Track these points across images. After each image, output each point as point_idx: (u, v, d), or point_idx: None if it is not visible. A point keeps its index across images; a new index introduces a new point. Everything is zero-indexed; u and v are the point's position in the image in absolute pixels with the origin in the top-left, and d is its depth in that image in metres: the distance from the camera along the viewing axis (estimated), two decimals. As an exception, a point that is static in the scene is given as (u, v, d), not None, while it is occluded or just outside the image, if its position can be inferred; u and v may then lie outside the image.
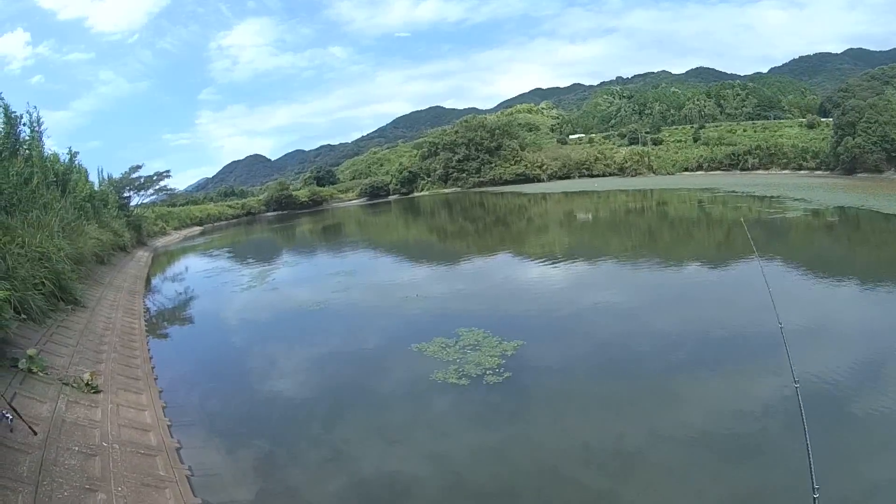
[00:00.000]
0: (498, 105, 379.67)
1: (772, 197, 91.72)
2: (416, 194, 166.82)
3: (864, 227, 65.65)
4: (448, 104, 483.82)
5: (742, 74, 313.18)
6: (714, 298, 36.29)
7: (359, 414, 21.32)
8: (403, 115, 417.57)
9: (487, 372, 23.24)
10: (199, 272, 61.56)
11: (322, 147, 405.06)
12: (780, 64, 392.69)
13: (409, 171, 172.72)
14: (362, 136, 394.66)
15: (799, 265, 44.34)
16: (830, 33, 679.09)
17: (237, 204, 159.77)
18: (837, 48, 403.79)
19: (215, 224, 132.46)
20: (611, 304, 34.64)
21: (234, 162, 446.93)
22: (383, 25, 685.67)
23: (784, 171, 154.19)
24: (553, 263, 48.08)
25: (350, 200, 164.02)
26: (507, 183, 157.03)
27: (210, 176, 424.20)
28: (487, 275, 47.41)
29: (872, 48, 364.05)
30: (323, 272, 54.17)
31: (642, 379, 22.87)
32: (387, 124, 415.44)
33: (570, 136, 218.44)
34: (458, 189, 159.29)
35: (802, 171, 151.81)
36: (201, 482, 16.64)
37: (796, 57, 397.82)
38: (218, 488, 16.64)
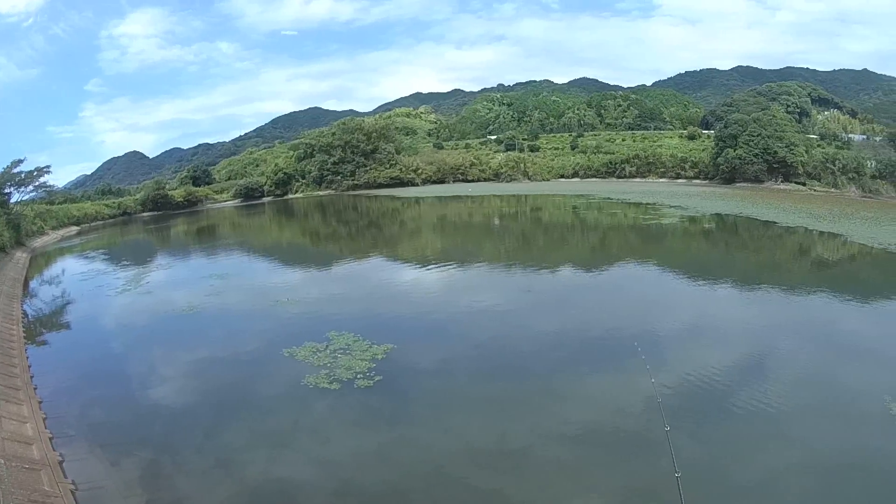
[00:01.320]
0: (377, 108, 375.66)
1: (647, 204, 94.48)
2: (290, 196, 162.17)
3: (742, 233, 68.59)
4: (328, 105, 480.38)
5: (626, 86, 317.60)
6: (589, 301, 37.61)
7: (239, 420, 21.21)
8: (282, 115, 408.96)
9: (358, 376, 23.67)
10: (77, 275, 59.44)
11: (200, 145, 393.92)
12: (666, 77, 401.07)
13: (285, 173, 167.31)
14: (240, 136, 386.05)
15: (673, 269, 46.34)
16: (722, 50, 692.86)
17: (114, 203, 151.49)
18: (726, 65, 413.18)
19: (92, 224, 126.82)
20: (485, 307, 35.02)
21: (113, 158, 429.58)
22: (273, 22, 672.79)
23: (661, 180, 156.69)
24: (426, 267, 48.82)
25: (225, 201, 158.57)
26: (381, 186, 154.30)
27: (89, 173, 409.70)
28: (360, 278, 47.66)
29: (762, 66, 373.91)
30: (197, 275, 53.78)
31: (521, 379, 23.48)
32: (265, 124, 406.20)
33: (447, 142, 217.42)
34: (333, 192, 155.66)
35: (680, 180, 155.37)
36: (87, 496, 16.16)
37: (682, 71, 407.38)
38: (104, 502, 16.17)
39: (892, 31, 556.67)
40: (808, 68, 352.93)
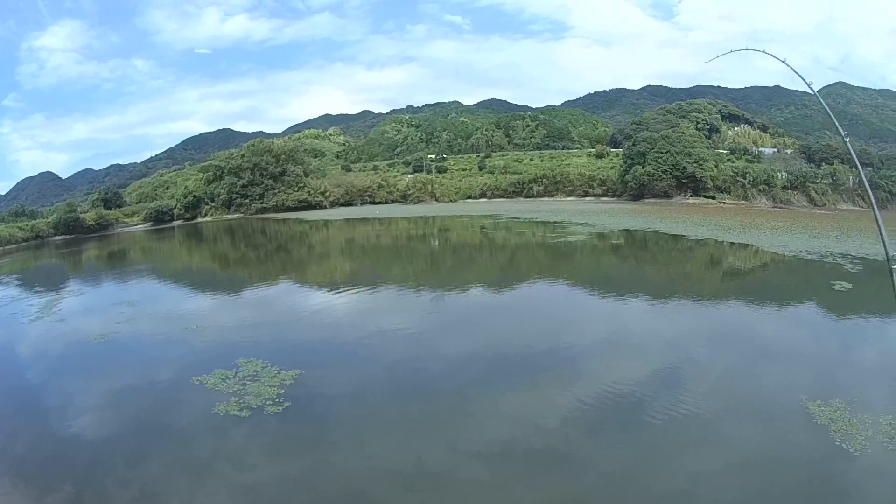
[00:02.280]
0: (287, 129, 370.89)
1: (555, 222, 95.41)
2: (199, 220, 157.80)
3: (651, 247, 69.82)
4: (238, 126, 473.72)
5: (535, 107, 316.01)
6: (500, 319, 36.96)
7: (158, 450, 20.12)
8: (193, 136, 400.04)
9: (267, 402, 22.66)
10: (-10, 301, 57.17)
11: (112, 166, 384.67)
12: (575, 97, 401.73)
13: (194, 196, 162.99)
14: (152, 157, 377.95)
15: (583, 285, 46.66)
16: (633, 71, 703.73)
17: (27, 226, 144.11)
18: (637, 84, 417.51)
19: (6, 247, 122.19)
20: (395, 330, 34.22)
21: (27, 178, 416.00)
22: (189, 40, 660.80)
23: (569, 198, 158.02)
24: (334, 291, 47.76)
25: (136, 225, 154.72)
26: (289, 209, 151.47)
27: (3, 193, 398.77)
28: (269, 303, 46.29)
29: (672, 85, 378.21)
30: (108, 302, 51.01)
31: (435, 399, 23.05)
32: (176, 145, 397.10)
33: (355, 164, 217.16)
34: (241, 215, 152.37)
35: (588, 198, 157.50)
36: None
37: (592, 91, 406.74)
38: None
39: (804, 49, 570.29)
40: (718, 86, 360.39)
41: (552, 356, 27.64)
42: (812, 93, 14.46)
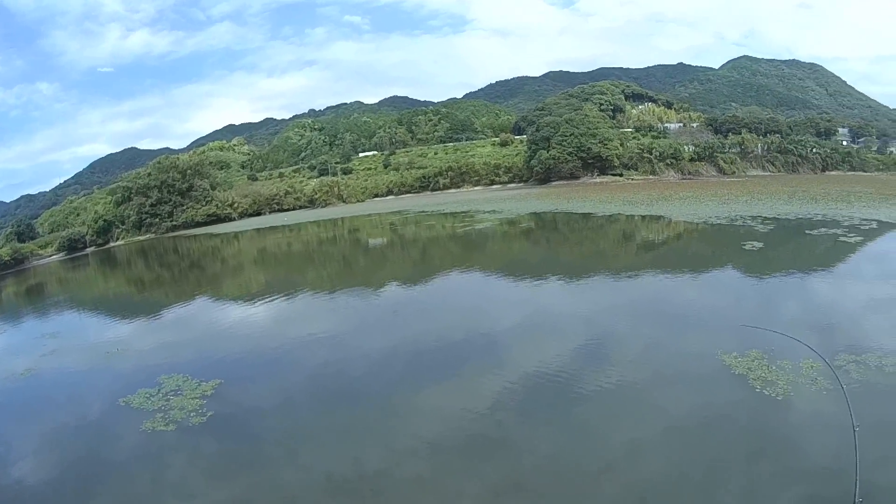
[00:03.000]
0: (191, 143, 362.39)
1: (462, 212, 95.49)
2: (112, 244, 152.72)
3: (562, 228, 70.64)
4: (143, 145, 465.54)
5: (437, 101, 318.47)
6: (417, 314, 36.88)
7: (97, 479, 20.17)
8: (100, 159, 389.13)
9: (191, 414, 22.70)
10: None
11: (22, 197, 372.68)
12: (476, 89, 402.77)
13: (105, 220, 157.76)
14: (60, 184, 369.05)
15: (498, 271, 46.39)
16: (534, 58, 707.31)
17: None
18: (538, 71, 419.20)
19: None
20: (314, 335, 33.60)
21: None
22: (92, 58, 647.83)
23: (476, 188, 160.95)
24: (251, 302, 46.68)
25: (50, 256, 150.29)
26: (199, 225, 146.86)
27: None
28: (186, 321, 45.24)
29: (573, 70, 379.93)
30: (30, 336, 49.74)
31: (362, 401, 22.68)
32: (84, 169, 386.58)
33: (261, 172, 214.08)
34: (153, 235, 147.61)
35: (495, 186, 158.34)
36: None
37: (493, 81, 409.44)
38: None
39: (705, 28, 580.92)
40: (621, 67, 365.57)
41: (474, 345, 27.69)
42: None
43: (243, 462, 19.50)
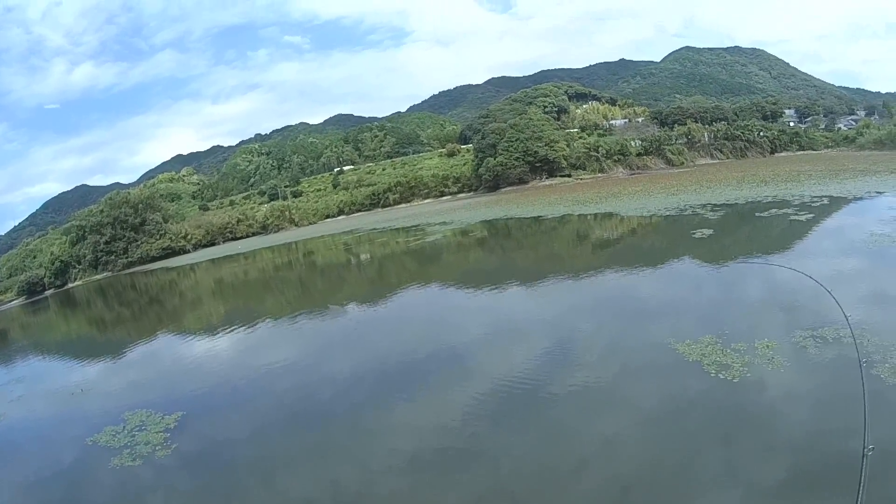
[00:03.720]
0: (141, 177, 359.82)
1: (413, 227, 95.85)
2: (70, 285, 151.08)
3: (515, 234, 71.21)
4: (94, 181, 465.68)
5: (381, 116, 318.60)
6: (379, 333, 36.51)
7: None
8: (52, 198, 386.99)
9: (157, 448, 22.65)
10: None
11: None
12: (420, 101, 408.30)
13: (61, 261, 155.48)
14: (15, 227, 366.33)
15: (455, 283, 46.78)
16: (476, 66, 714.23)
17: None
18: (480, 78, 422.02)
19: None
20: (278, 361, 33.10)
21: None
22: (38, 95, 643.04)
23: (427, 201, 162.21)
24: (212, 334, 46.31)
25: (11, 301, 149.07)
26: (155, 259, 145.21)
27: None
28: (148, 357, 44.87)
29: (516, 74, 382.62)
30: None
31: (333, 423, 22.71)
32: (37, 210, 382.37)
33: (211, 202, 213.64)
34: (110, 273, 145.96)
35: (445, 198, 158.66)
36: None
37: (437, 92, 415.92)
38: None
39: (645, 20, 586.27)
40: (563, 68, 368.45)
41: (439, 357, 27.76)
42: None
43: (217, 492, 19.43)
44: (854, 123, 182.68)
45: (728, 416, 17.14)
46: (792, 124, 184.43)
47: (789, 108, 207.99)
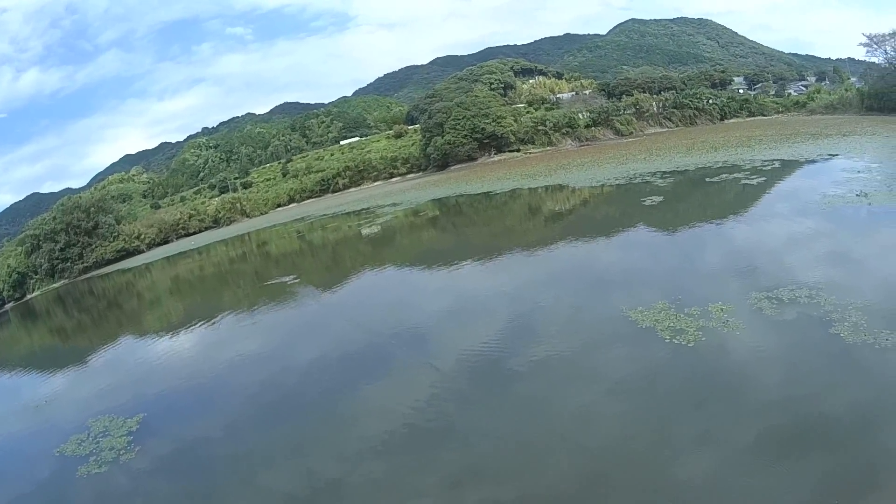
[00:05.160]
0: (91, 180, 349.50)
1: (363, 210, 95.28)
2: (29, 296, 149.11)
3: (466, 211, 71.40)
4: (46, 188, 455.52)
5: (327, 102, 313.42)
6: (339, 319, 36.18)
7: None
8: (6, 209, 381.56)
9: (121, 453, 22.53)
10: None
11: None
12: (366, 84, 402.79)
13: (18, 273, 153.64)
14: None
15: (410, 264, 47.20)
16: (421, 47, 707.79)
17: None
18: (426, 59, 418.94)
19: None
20: (240, 355, 33.08)
21: None
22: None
23: (376, 183, 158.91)
24: (173, 332, 45.93)
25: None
26: (110, 262, 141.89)
27: None
28: (109, 362, 44.08)
29: (461, 53, 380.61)
30: None
31: (303, 412, 22.72)
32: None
33: (163, 199, 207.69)
34: (67, 281, 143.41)
35: (395, 179, 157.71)
36: None
37: (382, 75, 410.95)
38: None
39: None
40: (508, 45, 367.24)
41: (402, 339, 27.63)
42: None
43: (179, 491, 19.43)
44: (804, 89, 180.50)
45: (685, 382, 17.35)
46: (741, 91, 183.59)
47: (738, 76, 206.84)
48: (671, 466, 14.45)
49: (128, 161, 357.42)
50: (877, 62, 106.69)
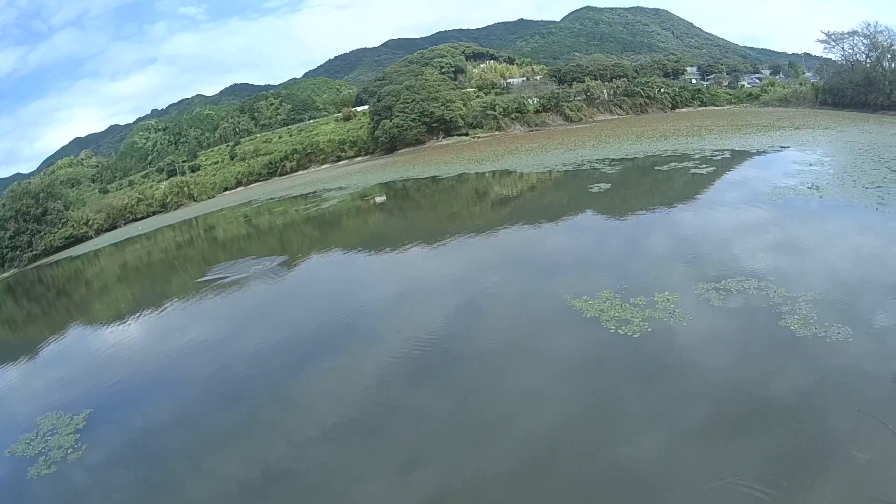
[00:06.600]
0: (41, 164, 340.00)
1: (309, 194, 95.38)
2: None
3: (413, 195, 71.14)
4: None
5: (276, 84, 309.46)
6: (287, 302, 36.84)
7: None
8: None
9: (69, 452, 21.93)
10: None
11: None
12: (316, 66, 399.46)
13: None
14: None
15: (356, 248, 46.27)
16: (375, 30, 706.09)
17: None
18: (377, 41, 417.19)
19: None
20: (189, 342, 32.73)
21: None
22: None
23: (324, 166, 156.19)
24: (121, 321, 44.78)
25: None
26: (59, 249, 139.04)
27: None
28: (59, 355, 42.84)
29: (414, 36, 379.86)
30: None
31: (252, 398, 22.38)
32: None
33: (111, 184, 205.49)
34: (17, 269, 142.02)
35: (342, 162, 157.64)
36: None
37: (332, 57, 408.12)
38: None
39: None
40: (461, 29, 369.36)
41: (349, 324, 27.49)
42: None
43: (125, 488, 18.89)
44: (758, 82, 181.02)
45: (628, 374, 17.23)
46: (694, 81, 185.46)
47: (692, 66, 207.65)
48: (615, 450, 14.46)
49: (77, 144, 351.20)
50: (834, 59, 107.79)
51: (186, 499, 17.34)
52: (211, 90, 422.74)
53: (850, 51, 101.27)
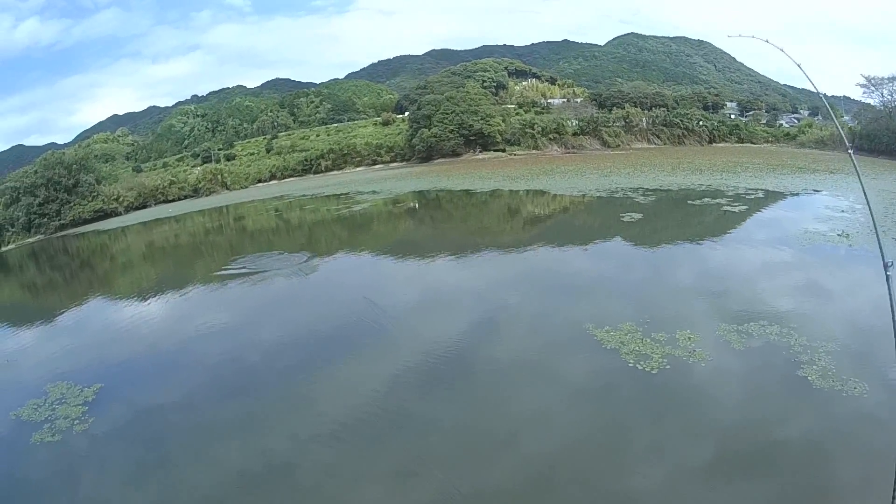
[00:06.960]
0: (77, 137, 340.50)
1: (342, 194, 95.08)
2: (4, 249, 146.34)
3: (445, 206, 71.29)
4: (30, 141, 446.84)
5: (318, 82, 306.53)
6: (308, 297, 37.33)
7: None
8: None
9: (75, 423, 21.94)
10: None
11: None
12: (359, 69, 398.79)
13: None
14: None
15: (383, 253, 46.67)
16: (417, 38, 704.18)
17: None
18: (421, 50, 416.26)
19: None
20: (208, 327, 32.82)
21: None
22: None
23: (359, 168, 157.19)
24: (142, 299, 44.78)
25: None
26: (87, 222, 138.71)
27: None
28: (76, 324, 43.19)
29: (456, 48, 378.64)
30: None
31: (262, 390, 22.40)
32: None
33: (145, 163, 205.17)
34: (42, 236, 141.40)
35: (377, 166, 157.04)
36: None
37: (376, 61, 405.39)
38: None
39: (591, 5, 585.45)
40: (505, 44, 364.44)
41: (367, 326, 27.44)
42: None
43: (128, 468, 18.84)
44: (797, 122, 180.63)
45: (643, 408, 17.21)
46: (733, 116, 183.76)
47: (732, 101, 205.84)
48: (618, 479, 14.47)
49: (115, 121, 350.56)
50: (872, 104, 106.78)
51: (187, 484, 17.27)
52: (251, 82, 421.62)
53: (890, 97, 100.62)
